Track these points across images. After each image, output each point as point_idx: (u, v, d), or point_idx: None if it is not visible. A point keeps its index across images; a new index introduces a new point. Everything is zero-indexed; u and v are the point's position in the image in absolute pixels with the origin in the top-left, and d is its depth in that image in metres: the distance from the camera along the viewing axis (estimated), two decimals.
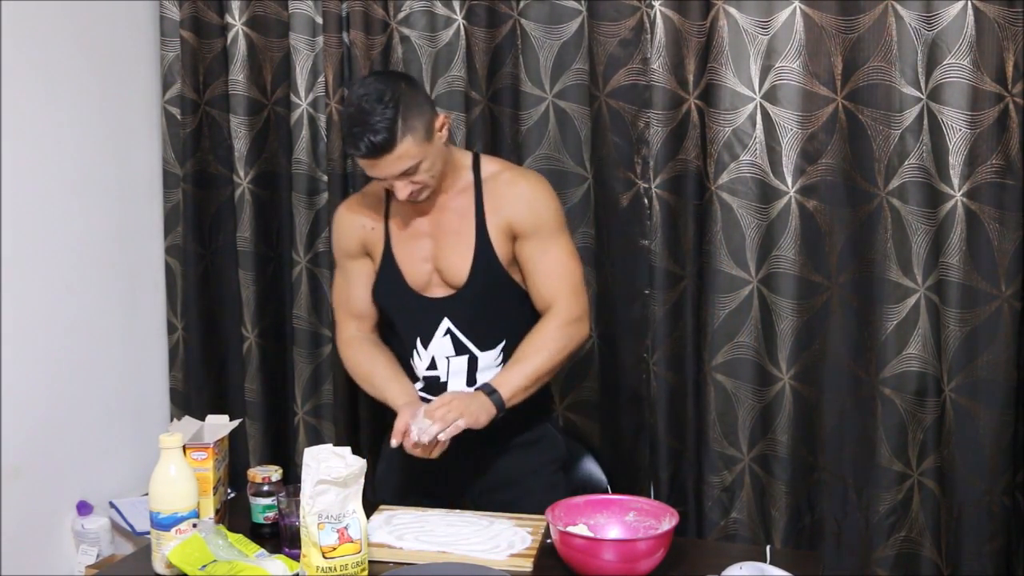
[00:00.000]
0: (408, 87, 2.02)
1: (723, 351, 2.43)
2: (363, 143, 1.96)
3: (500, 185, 2.13)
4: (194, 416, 2.17)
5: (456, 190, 2.14)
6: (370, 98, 1.97)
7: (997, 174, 2.16)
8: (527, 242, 2.12)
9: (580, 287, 2.16)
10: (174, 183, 2.89)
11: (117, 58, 2.77)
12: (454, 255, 2.12)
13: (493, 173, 2.15)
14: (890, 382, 2.30)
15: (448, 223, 2.13)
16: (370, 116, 1.96)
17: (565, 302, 2.12)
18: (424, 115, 2.01)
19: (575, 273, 2.16)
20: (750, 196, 2.37)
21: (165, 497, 1.86)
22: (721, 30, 2.32)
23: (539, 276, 2.13)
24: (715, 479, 2.47)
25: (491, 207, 2.12)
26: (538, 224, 2.12)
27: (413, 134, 1.98)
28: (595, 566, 1.79)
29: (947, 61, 2.16)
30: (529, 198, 2.13)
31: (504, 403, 2.05)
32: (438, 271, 2.15)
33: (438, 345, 2.15)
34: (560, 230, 2.15)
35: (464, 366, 2.15)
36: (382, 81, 2.01)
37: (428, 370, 2.17)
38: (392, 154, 1.97)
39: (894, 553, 2.35)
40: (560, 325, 2.11)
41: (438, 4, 2.61)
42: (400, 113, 1.96)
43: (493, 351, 2.15)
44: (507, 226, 2.11)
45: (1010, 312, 2.19)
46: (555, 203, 2.17)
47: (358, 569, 1.80)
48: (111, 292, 2.78)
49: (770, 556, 1.84)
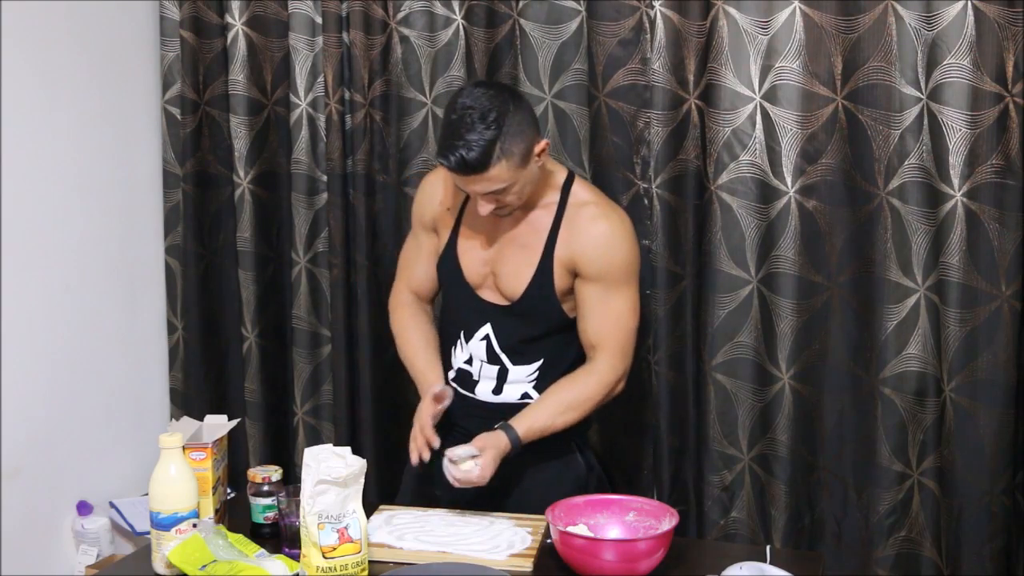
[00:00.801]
0: (515, 108, 1.94)
1: (723, 351, 2.43)
2: (454, 157, 1.90)
3: (582, 218, 2.06)
4: (194, 416, 2.17)
5: (539, 206, 2.08)
6: (474, 113, 1.89)
7: (997, 174, 2.16)
8: (589, 284, 2.06)
9: (629, 345, 2.10)
10: (174, 183, 2.89)
11: (117, 58, 2.77)
12: (514, 269, 2.09)
13: (581, 202, 2.07)
14: (890, 382, 2.30)
15: (519, 235, 2.09)
16: (469, 132, 1.89)
17: (611, 360, 2.07)
18: (525, 140, 1.94)
19: (629, 330, 2.09)
20: (750, 196, 2.37)
21: (165, 497, 1.86)
22: (721, 30, 2.32)
23: (591, 322, 2.08)
24: (715, 479, 2.47)
25: (565, 236, 2.06)
26: (605, 272, 2.05)
27: (508, 159, 1.91)
28: (595, 566, 1.79)
29: (947, 61, 2.15)
30: (604, 243, 2.05)
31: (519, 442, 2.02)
32: (495, 277, 2.12)
33: (476, 346, 2.13)
34: (627, 281, 2.08)
35: (494, 374, 2.13)
36: (490, 98, 1.92)
37: (464, 364, 2.16)
38: (483, 175, 1.92)
39: (894, 553, 2.35)
40: (600, 388, 2.08)
41: (437, 4, 2.61)
42: (500, 137, 1.89)
43: (527, 367, 2.12)
44: (573, 262, 2.06)
45: (1010, 312, 2.19)
46: (631, 252, 2.09)
47: (358, 569, 1.80)
48: (111, 292, 2.78)
49: (770, 556, 1.84)
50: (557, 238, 2.06)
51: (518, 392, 2.13)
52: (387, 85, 2.67)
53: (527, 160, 1.96)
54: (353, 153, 2.69)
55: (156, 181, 2.91)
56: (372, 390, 2.73)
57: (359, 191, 2.69)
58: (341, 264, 2.72)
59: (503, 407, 2.12)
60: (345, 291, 2.73)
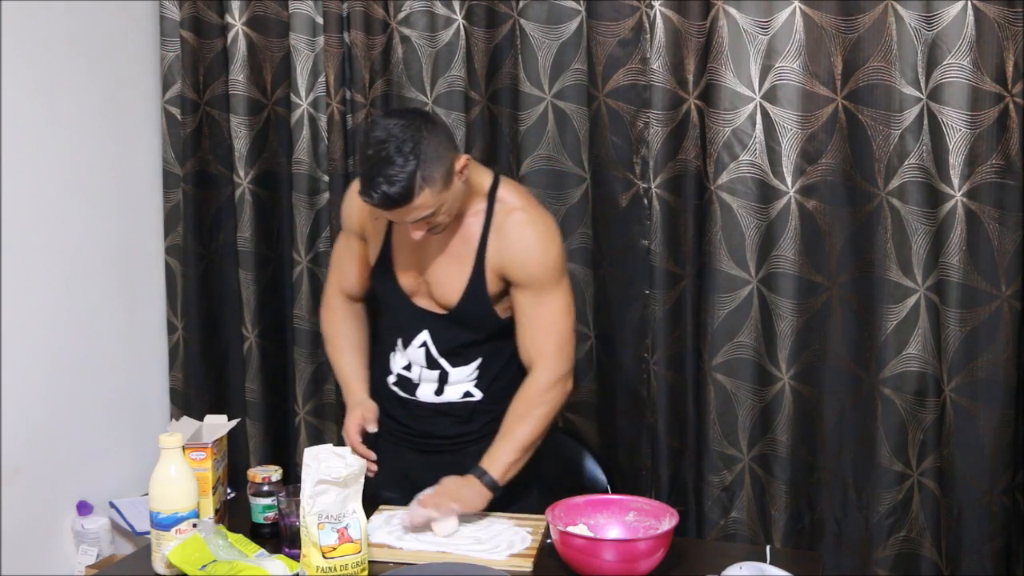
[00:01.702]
0: (429, 133, 1.92)
1: (723, 351, 2.43)
2: (377, 195, 1.89)
3: (510, 225, 2.06)
4: (194, 416, 2.17)
5: (468, 214, 2.09)
6: (389, 147, 1.88)
7: (997, 174, 2.16)
8: (521, 291, 2.08)
9: (567, 344, 2.11)
10: (174, 183, 2.89)
11: (117, 58, 2.77)
12: (447, 278, 2.10)
13: (507, 208, 2.08)
14: (890, 382, 2.30)
15: (450, 245, 2.09)
16: (388, 167, 1.87)
17: (549, 362, 2.08)
18: (444, 163, 1.93)
19: (564, 329, 2.10)
20: (750, 196, 2.37)
21: (165, 497, 1.86)
22: (721, 30, 2.32)
23: (527, 328, 2.10)
24: (715, 479, 2.47)
25: (495, 243, 2.07)
26: (535, 277, 2.07)
27: (431, 186, 1.91)
28: (595, 566, 1.79)
29: (947, 61, 2.15)
30: (533, 250, 2.06)
31: (497, 484, 2.03)
32: (428, 286, 2.13)
33: (414, 353, 2.15)
34: (556, 283, 2.09)
35: (435, 378, 2.15)
36: (403, 128, 1.90)
37: (404, 370, 2.17)
38: (409, 206, 1.92)
39: (894, 553, 2.35)
40: (543, 390, 2.08)
41: (438, 4, 2.61)
42: (420, 167, 1.88)
43: (467, 368, 2.14)
44: (503, 269, 2.08)
45: (1010, 312, 2.19)
46: (558, 255, 2.10)
47: (358, 569, 1.81)
48: (111, 292, 2.78)
49: (770, 556, 1.84)
50: (487, 246, 2.07)
51: (460, 391, 2.15)
52: (388, 85, 2.67)
53: (449, 181, 1.96)
54: (354, 153, 2.69)
55: (156, 181, 2.91)
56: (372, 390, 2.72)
57: None
58: None
59: (446, 407, 2.16)
60: None
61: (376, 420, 2.19)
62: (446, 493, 2.00)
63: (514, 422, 2.07)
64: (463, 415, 2.16)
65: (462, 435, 2.17)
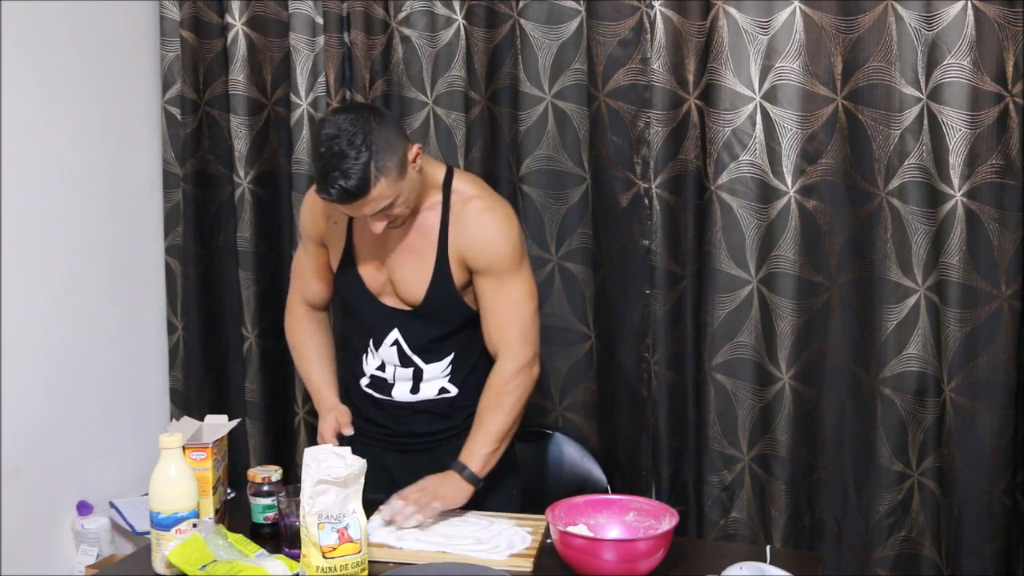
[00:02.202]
0: (379, 124, 1.92)
1: (723, 351, 2.43)
2: (335, 190, 1.89)
3: (468, 214, 2.07)
4: (194, 416, 2.17)
5: (424, 208, 2.08)
6: (340, 141, 1.88)
7: (997, 174, 2.16)
8: (482, 278, 2.09)
9: (530, 329, 2.11)
10: (174, 183, 2.89)
11: (117, 58, 2.77)
12: (411, 274, 2.10)
13: (463, 198, 2.08)
14: (890, 382, 2.30)
15: (410, 241, 2.09)
16: (341, 161, 1.87)
17: (513, 347, 2.09)
18: (397, 153, 1.93)
19: (527, 315, 2.10)
20: (750, 196, 2.37)
21: (165, 497, 1.86)
22: (721, 30, 2.32)
23: (490, 316, 2.10)
24: (715, 479, 2.47)
25: (455, 233, 2.07)
26: (496, 263, 2.07)
27: (386, 176, 1.91)
28: (595, 566, 1.79)
29: (947, 61, 2.15)
30: (492, 237, 2.07)
31: (477, 477, 2.04)
32: (392, 283, 2.12)
33: (386, 352, 2.15)
34: (517, 268, 2.09)
35: (409, 375, 2.15)
36: (352, 121, 1.90)
37: (377, 371, 2.17)
38: (366, 199, 1.92)
39: (894, 553, 2.35)
40: (510, 377, 2.08)
41: (438, 4, 2.61)
42: (373, 157, 1.88)
43: (440, 363, 2.15)
44: (465, 258, 2.08)
45: (1010, 312, 2.19)
46: (518, 240, 2.10)
47: (358, 569, 1.80)
48: (111, 292, 2.78)
49: (770, 556, 1.84)
50: (448, 237, 2.07)
51: (435, 388, 2.16)
52: (388, 85, 2.67)
53: (404, 170, 1.96)
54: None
55: (156, 181, 2.91)
56: None
57: None
58: None
59: (422, 404, 2.17)
60: None
61: (351, 423, 2.20)
62: (427, 490, 2.01)
63: (485, 413, 2.08)
64: (440, 411, 2.17)
65: (441, 431, 2.18)
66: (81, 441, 2.66)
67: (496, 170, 2.59)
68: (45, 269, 2.56)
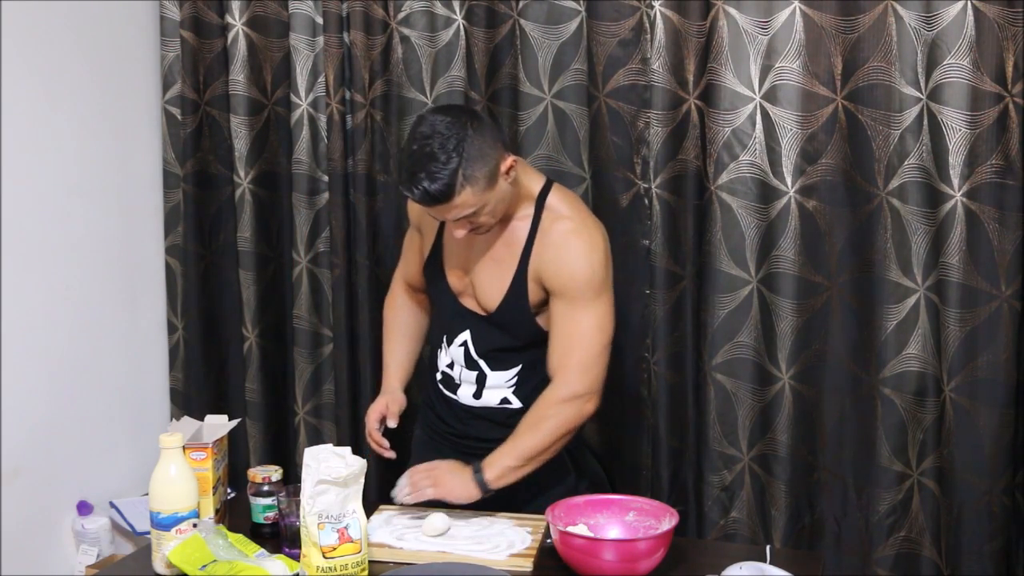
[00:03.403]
0: (475, 132, 1.90)
1: (723, 351, 2.43)
2: (418, 191, 1.88)
3: (555, 234, 2.03)
4: (195, 416, 2.17)
5: (515, 218, 2.06)
6: (433, 143, 1.87)
7: (997, 174, 2.16)
8: (556, 300, 2.05)
9: (593, 362, 2.04)
10: (174, 183, 2.89)
11: (117, 58, 2.77)
12: (490, 282, 2.09)
13: (555, 216, 2.04)
14: (890, 382, 2.30)
15: (495, 249, 2.08)
16: (430, 163, 1.86)
17: (570, 376, 2.03)
18: (488, 163, 1.91)
19: (593, 346, 2.04)
20: (750, 196, 2.37)
21: (165, 497, 1.86)
22: (721, 30, 2.32)
23: (556, 339, 2.06)
24: (715, 479, 2.47)
25: (539, 250, 2.04)
26: (571, 288, 2.02)
27: (473, 185, 1.89)
28: (595, 566, 1.79)
29: (947, 61, 2.15)
30: (572, 261, 2.02)
31: (487, 484, 2.00)
32: (473, 286, 2.12)
33: (455, 351, 2.15)
34: (594, 298, 2.03)
35: (473, 379, 2.14)
36: (448, 125, 1.89)
37: (447, 368, 2.18)
38: (449, 204, 1.90)
39: (894, 553, 2.35)
40: (557, 402, 2.03)
41: (438, 4, 2.61)
42: (462, 164, 1.87)
43: (505, 373, 2.13)
44: (541, 276, 2.05)
45: (1010, 312, 2.19)
46: (600, 269, 2.04)
47: (358, 569, 1.80)
48: (111, 292, 2.78)
49: (770, 556, 1.84)
50: (531, 253, 2.05)
51: (497, 397, 2.14)
52: (388, 85, 2.67)
53: (494, 181, 1.94)
54: (354, 153, 2.69)
55: (156, 181, 2.91)
56: (373, 390, 2.72)
57: (360, 191, 2.70)
58: (343, 264, 2.72)
59: (484, 411, 2.15)
60: (346, 291, 2.73)
61: (398, 415, 2.20)
62: (431, 474, 2.01)
63: (522, 429, 2.04)
64: (500, 420, 2.14)
65: (498, 440, 2.12)
66: (81, 441, 2.67)
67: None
68: (45, 269, 2.56)
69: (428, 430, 2.25)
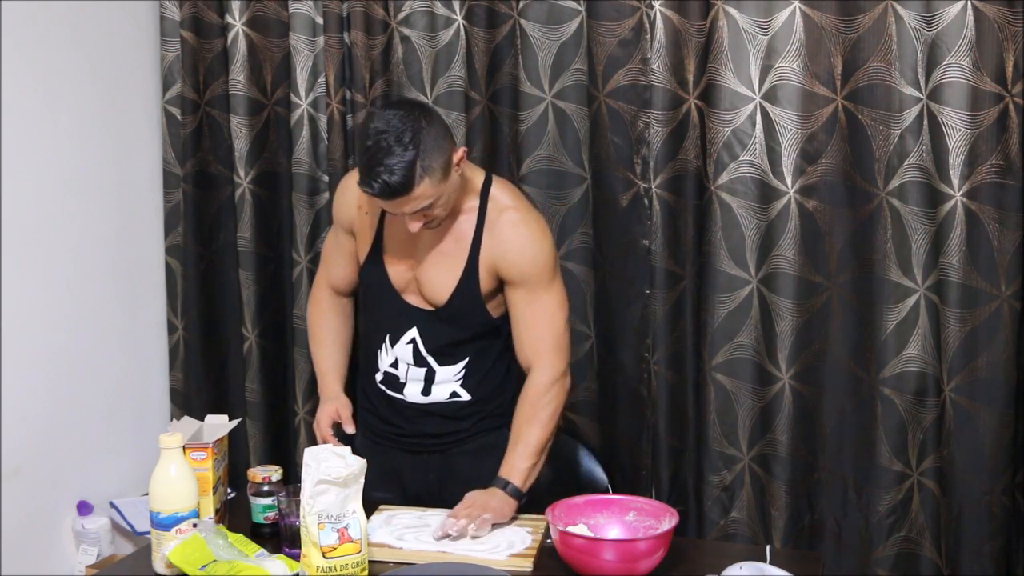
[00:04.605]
0: (428, 124, 1.93)
1: (723, 351, 2.43)
2: (378, 184, 1.90)
3: (502, 224, 2.08)
4: (194, 416, 2.17)
5: (460, 211, 2.09)
6: (388, 137, 1.89)
7: (997, 174, 2.16)
8: (515, 290, 2.10)
9: (563, 341, 2.13)
10: (174, 183, 2.89)
11: (117, 58, 2.77)
12: (438, 275, 2.10)
13: (501, 207, 2.09)
14: (890, 382, 2.30)
15: (442, 243, 2.10)
16: (387, 157, 1.88)
17: (546, 360, 2.10)
18: (443, 153, 1.94)
19: (559, 326, 2.12)
20: (750, 196, 2.37)
21: (165, 497, 1.86)
22: (721, 30, 2.32)
23: (523, 328, 2.11)
24: (715, 479, 2.47)
25: (489, 242, 2.08)
26: (529, 275, 2.08)
27: (431, 176, 1.92)
28: (595, 566, 1.79)
29: (947, 61, 2.15)
30: (527, 248, 2.08)
31: (520, 491, 2.04)
32: (418, 282, 2.13)
33: (401, 349, 2.15)
34: (550, 281, 2.10)
35: (422, 376, 2.15)
36: (402, 119, 1.91)
37: (390, 367, 2.18)
38: (409, 196, 1.92)
39: (894, 553, 2.35)
40: (545, 390, 2.09)
41: (438, 4, 2.61)
42: (419, 156, 1.89)
43: (453, 367, 2.15)
44: (497, 268, 2.09)
45: (1010, 312, 2.19)
46: (551, 252, 2.12)
47: (358, 569, 1.81)
48: (111, 292, 2.78)
49: (770, 556, 1.84)
50: (481, 244, 2.08)
51: (447, 391, 2.16)
52: (388, 85, 2.67)
53: (448, 172, 1.97)
54: (354, 153, 2.69)
55: (156, 181, 2.91)
56: None
57: None
58: None
59: (432, 406, 2.17)
60: None
61: (351, 420, 2.21)
62: (475, 504, 2.01)
63: (523, 427, 2.08)
64: (450, 414, 2.17)
65: (451, 433, 2.18)
66: (81, 441, 2.66)
67: (496, 170, 2.59)
68: (45, 269, 2.56)
69: (370, 433, 2.24)
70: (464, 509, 2.00)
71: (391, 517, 2.05)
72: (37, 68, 2.51)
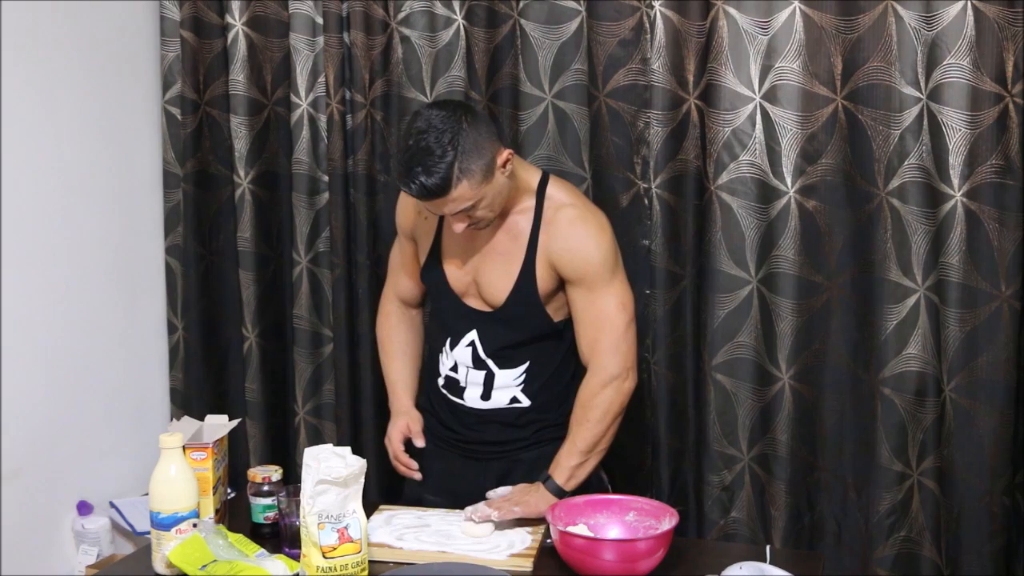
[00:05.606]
0: (470, 126, 1.92)
1: (723, 351, 2.43)
2: (415, 185, 1.90)
3: (561, 221, 2.06)
4: (195, 416, 2.17)
5: (515, 211, 2.08)
6: (429, 137, 1.89)
7: (997, 174, 2.16)
8: (574, 288, 2.07)
9: (621, 341, 2.08)
10: (174, 183, 2.89)
11: (117, 58, 2.77)
12: (496, 276, 2.09)
13: (557, 204, 2.07)
14: (890, 382, 2.30)
15: (498, 243, 2.09)
16: (426, 157, 1.88)
17: (603, 360, 2.07)
18: (484, 156, 1.93)
19: (618, 326, 2.07)
20: (750, 196, 2.37)
21: (165, 497, 1.86)
22: (721, 30, 2.32)
23: (582, 326, 2.09)
24: (715, 479, 2.47)
25: (545, 240, 2.06)
26: (587, 273, 2.06)
27: (469, 178, 1.91)
28: (595, 566, 1.79)
29: (947, 61, 2.15)
30: (584, 246, 2.05)
31: (561, 488, 2.04)
32: (477, 284, 2.12)
33: (461, 352, 2.14)
34: (609, 279, 2.07)
35: (481, 380, 2.14)
36: (443, 119, 1.91)
37: (450, 371, 2.17)
38: (446, 198, 1.92)
39: (894, 553, 2.35)
40: (596, 391, 2.07)
41: (438, 4, 2.61)
42: (458, 158, 1.89)
43: (513, 371, 2.13)
44: (555, 266, 2.07)
45: (1010, 312, 2.19)
46: (610, 250, 2.08)
47: (358, 569, 1.81)
48: (111, 292, 2.78)
49: (770, 556, 1.84)
50: (538, 243, 2.07)
51: (506, 397, 2.14)
52: (388, 85, 2.67)
53: (490, 174, 1.95)
54: (354, 153, 2.69)
55: (156, 181, 2.91)
56: (374, 389, 2.72)
57: (360, 191, 2.70)
58: (343, 264, 2.72)
59: (493, 413, 2.15)
60: (346, 291, 2.73)
61: (422, 433, 2.22)
62: (511, 498, 2.02)
63: (573, 426, 2.08)
64: (510, 421, 2.15)
65: (511, 441, 2.16)
66: (81, 441, 2.66)
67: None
68: (45, 269, 2.56)
69: (432, 438, 2.24)
70: (499, 501, 2.02)
71: (391, 517, 2.05)
72: (37, 68, 2.51)
